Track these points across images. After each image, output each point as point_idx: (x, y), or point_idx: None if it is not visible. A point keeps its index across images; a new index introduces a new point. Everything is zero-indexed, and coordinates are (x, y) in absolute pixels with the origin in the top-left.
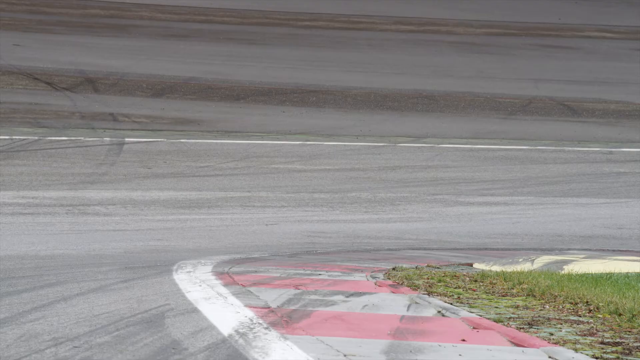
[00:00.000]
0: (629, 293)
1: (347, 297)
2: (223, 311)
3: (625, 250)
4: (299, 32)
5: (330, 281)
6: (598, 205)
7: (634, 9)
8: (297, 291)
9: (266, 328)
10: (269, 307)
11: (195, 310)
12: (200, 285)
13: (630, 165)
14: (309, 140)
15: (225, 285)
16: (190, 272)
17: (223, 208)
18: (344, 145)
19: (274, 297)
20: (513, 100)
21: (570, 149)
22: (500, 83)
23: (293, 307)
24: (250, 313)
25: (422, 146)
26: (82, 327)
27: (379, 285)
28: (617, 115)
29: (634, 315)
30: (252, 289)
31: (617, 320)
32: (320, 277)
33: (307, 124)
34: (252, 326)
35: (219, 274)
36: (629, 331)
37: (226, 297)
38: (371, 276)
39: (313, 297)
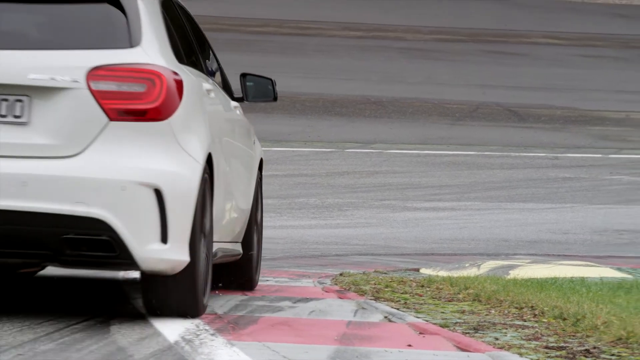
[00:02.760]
0: (573, 297)
1: (294, 303)
2: (169, 318)
3: (570, 255)
4: (247, 38)
5: (277, 287)
6: (544, 211)
7: (579, 16)
8: (244, 297)
9: (212, 334)
10: (215, 314)
11: (141, 317)
12: None
13: (575, 170)
14: None
15: None
16: (137, 278)
17: None
18: (292, 151)
19: (221, 303)
20: (460, 106)
21: (516, 154)
22: (448, 89)
23: (240, 313)
24: (196, 319)
25: (370, 152)
26: (26, 335)
27: (326, 291)
28: (563, 120)
29: (577, 320)
30: None
31: (562, 324)
32: (268, 283)
33: (255, 129)
34: (198, 332)
35: None
36: (573, 335)
37: None
38: (318, 282)
39: (260, 303)
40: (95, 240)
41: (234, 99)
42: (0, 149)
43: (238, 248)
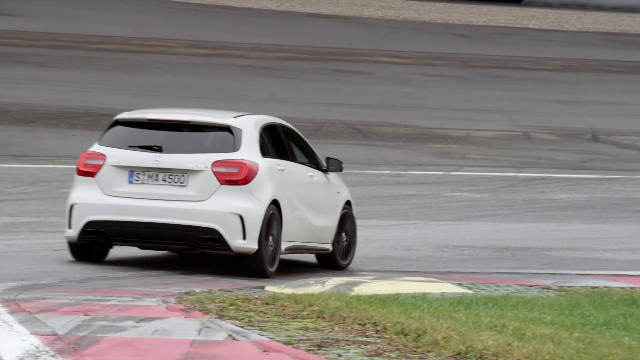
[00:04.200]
0: (415, 313)
1: (138, 322)
2: (8, 339)
3: (413, 271)
4: (90, 55)
5: (120, 307)
6: (387, 227)
7: (420, 35)
8: (86, 317)
9: (53, 356)
10: (56, 334)
11: None
12: None
13: (418, 187)
14: None
15: (11, 312)
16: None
17: (11, 234)
18: None
19: (62, 323)
20: (305, 124)
21: (360, 171)
22: (293, 107)
23: (81, 334)
24: (36, 341)
25: None
26: None
27: (171, 310)
28: (405, 138)
29: (419, 335)
30: (39, 316)
31: (403, 340)
32: (111, 302)
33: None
34: (38, 354)
35: (4, 302)
36: (414, 351)
37: (12, 325)
38: (163, 301)
39: (102, 323)
40: (212, 238)
41: (321, 169)
42: (174, 197)
43: (325, 246)
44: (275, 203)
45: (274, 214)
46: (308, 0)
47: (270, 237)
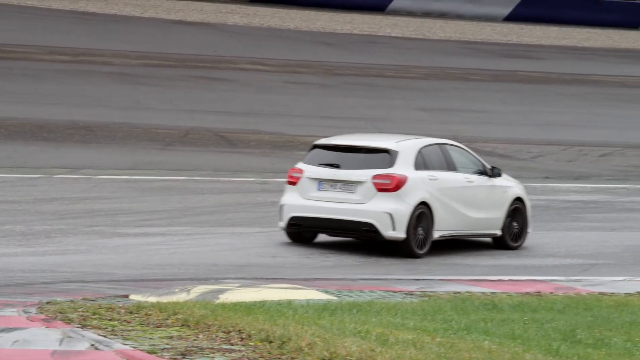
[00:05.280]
0: (280, 320)
1: None
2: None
3: (279, 278)
4: None
5: None
6: (253, 235)
7: (284, 43)
8: None
9: None
10: None
11: None
12: None
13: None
14: None
15: None
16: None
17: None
18: None
19: None
20: (170, 131)
21: (226, 179)
22: (157, 114)
23: None
24: None
25: (79, 177)
26: None
27: (31, 320)
28: (270, 146)
29: (283, 342)
30: None
31: (268, 347)
32: None
33: None
34: None
35: None
36: (279, 358)
37: None
38: (23, 311)
39: None
40: (371, 230)
41: (486, 175)
42: (346, 200)
43: (493, 232)
44: (424, 204)
45: (423, 212)
46: (172, 7)
47: (420, 229)
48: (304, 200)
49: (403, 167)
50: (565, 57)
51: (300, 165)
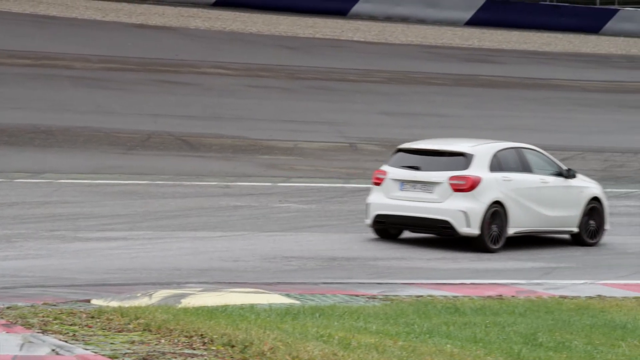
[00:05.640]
0: (242, 325)
1: None
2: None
3: (241, 282)
4: None
5: None
6: (215, 239)
7: (246, 47)
8: None
9: None
10: None
11: None
12: None
13: (245, 198)
14: None
15: None
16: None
17: None
18: None
19: None
20: (132, 135)
21: (188, 183)
22: (119, 118)
23: None
24: None
25: (39, 182)
26: None
27: None
28: (233, 149)
29: (245, 347)
30: None
31: (230, 352)
32: None
33: None
34: None
35: None
36: None
37: None
38: None
39: None
40: (447, 227)
41: (563, 176)
42: (425, 199)
43: (569, 229)
44: (498, 203)
45: (497, 210)
46: (134, 10)
47: (494, 226)
48: (387, 199)
49: (478, 169)
50: (526, 62)
51: (384, 167)
